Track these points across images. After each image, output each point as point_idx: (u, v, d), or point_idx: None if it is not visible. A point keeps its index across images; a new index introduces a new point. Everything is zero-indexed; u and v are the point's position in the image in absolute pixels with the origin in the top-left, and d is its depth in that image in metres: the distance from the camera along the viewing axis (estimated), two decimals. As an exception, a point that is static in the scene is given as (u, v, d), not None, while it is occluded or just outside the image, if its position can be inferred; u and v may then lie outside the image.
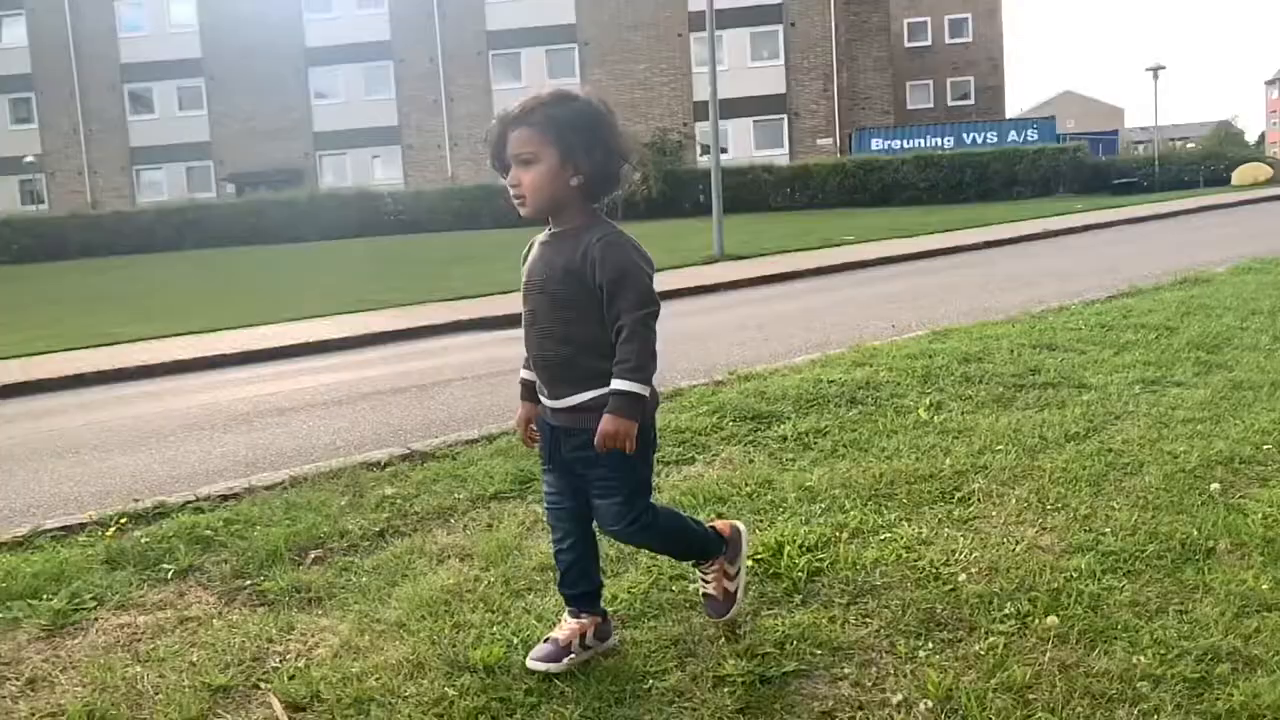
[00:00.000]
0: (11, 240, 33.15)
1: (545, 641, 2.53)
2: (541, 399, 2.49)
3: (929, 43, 51.95)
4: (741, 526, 2.75)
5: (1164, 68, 34.85)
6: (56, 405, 8.49)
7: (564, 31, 40.12)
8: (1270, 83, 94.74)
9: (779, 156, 37.40)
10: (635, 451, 2.36)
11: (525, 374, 2.58)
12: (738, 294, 13.03)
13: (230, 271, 22.96)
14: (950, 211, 25.77)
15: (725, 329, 9.23)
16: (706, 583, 2.66)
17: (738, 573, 2.66)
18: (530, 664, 2.48)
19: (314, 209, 33.56)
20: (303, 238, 31.73)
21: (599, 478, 2.41)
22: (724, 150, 18.39)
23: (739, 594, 2.65)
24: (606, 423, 2.30)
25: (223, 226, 33.13)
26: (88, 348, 12.00)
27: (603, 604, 2.64)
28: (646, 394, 2.34)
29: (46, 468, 5.73)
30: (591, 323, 2.36)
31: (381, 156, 42.13)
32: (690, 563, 2.72)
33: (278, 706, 2.39)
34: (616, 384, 2.31)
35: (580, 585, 2.58)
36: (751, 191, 31.78)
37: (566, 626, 2.55)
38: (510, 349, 8.92)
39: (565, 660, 2.48)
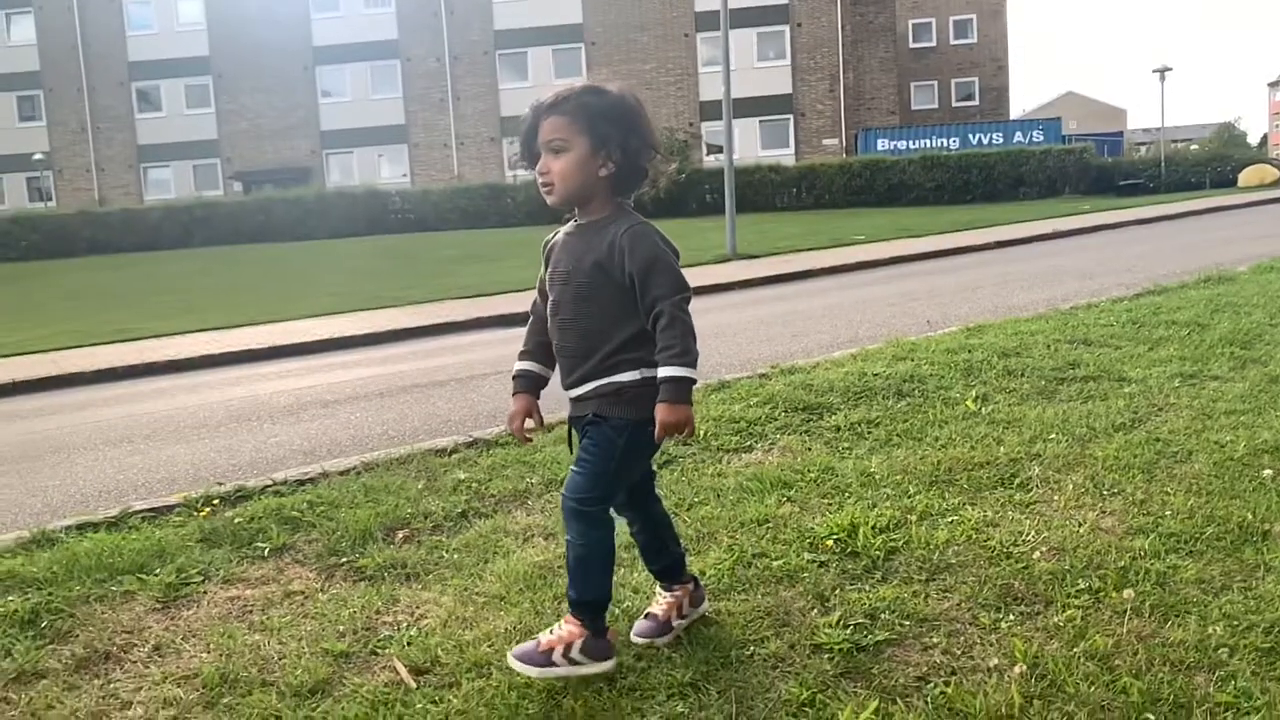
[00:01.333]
0: (20, 237, 33.22)
1: (645, 618, 2.65)
2: (568, 394, 2.50)
3: (933, 44, 52.10)
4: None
5: (1170, 69, 35.01)
6: (93, 398, 8.63)
7: (571, 31, 40.28)
8: (1273, 84, 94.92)
9: (785, 156, 37.58)
10: (622, 438, 2.38)
11: (522, 365, 2.58)
12: (755, 292, 13.18)
13: (242, 269, 23.09)
14: (957, 212, 25.91)
15: (750, 325, 9.37)
16: (553, 630, 2.44)
17: (573, 663, 2.39)
18: (635, 639, 2.61)
19: (322, 207, 33.68)
20: (310, 236, 31.88)
21: (582, 449, 2.44)
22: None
23: (553, 672, 2.38)
24: (663, 413, 2.31)
25: (231, 224, 33.24)
26: (112, 343, 12.16)
27: (691, 571, 2.75)
28: (695, 377, 2.35)
29: (105, 456, 5.86)
30: (611, 317, 2.39)
31: (388, 155, 42.31)
32: (569, 601, 2.48)
33: (402, 670, 2.53)
34: (665, 371, 2.31)
35: (660, 560, 2.68)
36: (757, 191, 31.93)
37: (662, 601, 2.67)
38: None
39: (669, 635, 2.61)
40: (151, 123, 42.85)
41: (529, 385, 2.58)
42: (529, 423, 2.57)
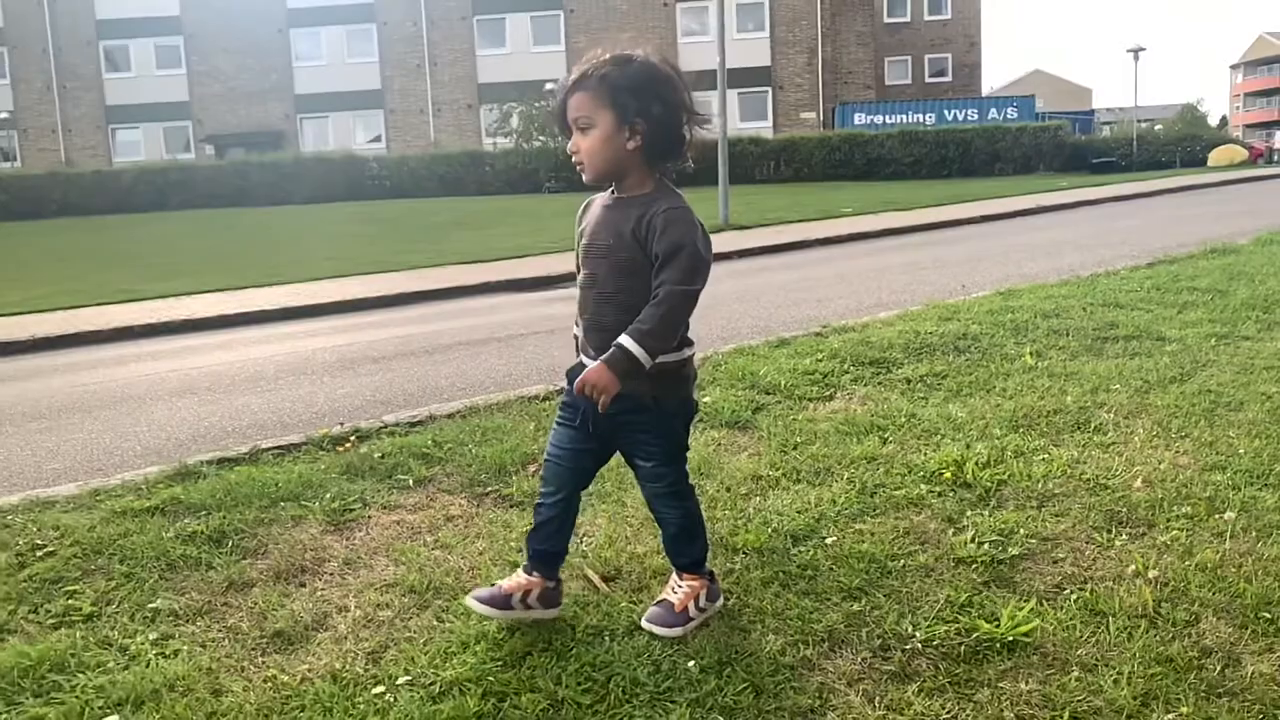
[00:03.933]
0: (-11, 198, 32.74)
1: (492, 586, 2.52)
2: (584, 358, 2.46)
3: (908, 19, 52.45)
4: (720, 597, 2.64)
5: (1144, 49, 35.63)
6: (124, 354, 8.70)
7: (550, -2, 40.14)
8: (1235, 67, 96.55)
9: (763, 129, 37.81)
10: (677, 418, 2.48)
11: (579, 331, 2.56)
12: (757, 261, 13.40)
13: (225, 232, 22.95)
14: (937, 187, 26.34)
15: (769, 291, 9.63)
16: (676, 590, 2.55)
17: (702, 611, 2.53)
18: (470, 602, 2.48)
19: (299, 172, 33.49)
20: (287, 200, 31.70)
21: (640, 441, 2.48)
22: (709, 121, 18.67)
23: (692, 625, 2.48)
24: (596, 372, 2.24)
25: (207, 188, 32.97)
26: (120, 303, 12.15)
27: (559, 574, 2.60)
28: (646, 364, 2.27)
29: (178, 405, 6.01)
30: (650, 293, 2.33)
31: (363, 120, 41.96)
32: (677, 567, 2.61)
33: (595, 577, 2.79)
34: (624, 339, 2.26)
35: (551, 543, 2.54)
36: (738, 163, 31.87)
37: (515, 578, 2.53)
38: (559, 308, 9.27)
39: (504, 613, 2.47)
40: (120, 83, 42.16)
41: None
42: None
